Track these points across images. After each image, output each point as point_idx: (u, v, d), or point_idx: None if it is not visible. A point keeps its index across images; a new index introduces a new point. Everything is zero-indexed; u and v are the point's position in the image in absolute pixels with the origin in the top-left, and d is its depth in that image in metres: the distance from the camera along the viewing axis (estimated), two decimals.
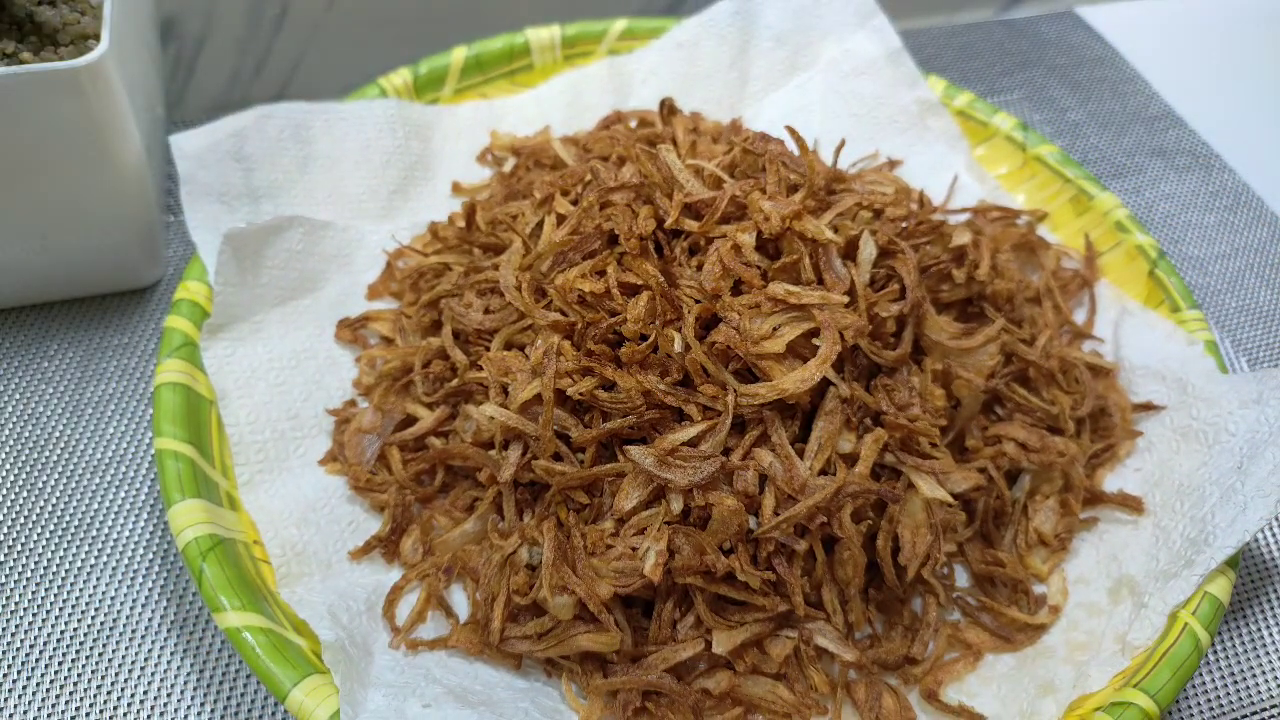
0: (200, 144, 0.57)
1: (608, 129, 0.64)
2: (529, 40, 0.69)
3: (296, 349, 0.54)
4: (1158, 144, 0.83)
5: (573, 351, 0.46)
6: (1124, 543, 0.50)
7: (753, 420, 0.45)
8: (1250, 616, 0.54)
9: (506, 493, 0.47)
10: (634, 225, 0.47)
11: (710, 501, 0.43)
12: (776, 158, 0.49)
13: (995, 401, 0.53)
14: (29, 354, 0.59)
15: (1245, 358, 0.67)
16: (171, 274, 0.64)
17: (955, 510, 0.47)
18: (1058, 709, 0.44)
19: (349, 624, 0.43)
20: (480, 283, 0.52)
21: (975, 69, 0.88)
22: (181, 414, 0.48)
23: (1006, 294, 0.55)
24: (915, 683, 0.46)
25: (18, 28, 0.52)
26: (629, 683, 0.43)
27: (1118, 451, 0.53)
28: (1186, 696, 0.50)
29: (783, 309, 0.45)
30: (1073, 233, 0.64)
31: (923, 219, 0.54)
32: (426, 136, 0.65)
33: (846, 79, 0.70)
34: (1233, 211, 0.77)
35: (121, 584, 0.50)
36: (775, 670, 0.45)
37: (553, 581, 0.43)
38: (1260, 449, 0.47)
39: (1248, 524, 0.44)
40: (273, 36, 0.80)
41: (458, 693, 0.42)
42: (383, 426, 0.52)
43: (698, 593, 0.44)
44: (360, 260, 0.60)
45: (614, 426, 0.44)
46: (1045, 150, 0.67)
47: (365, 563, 0.48)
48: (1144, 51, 0.92)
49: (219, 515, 0.45)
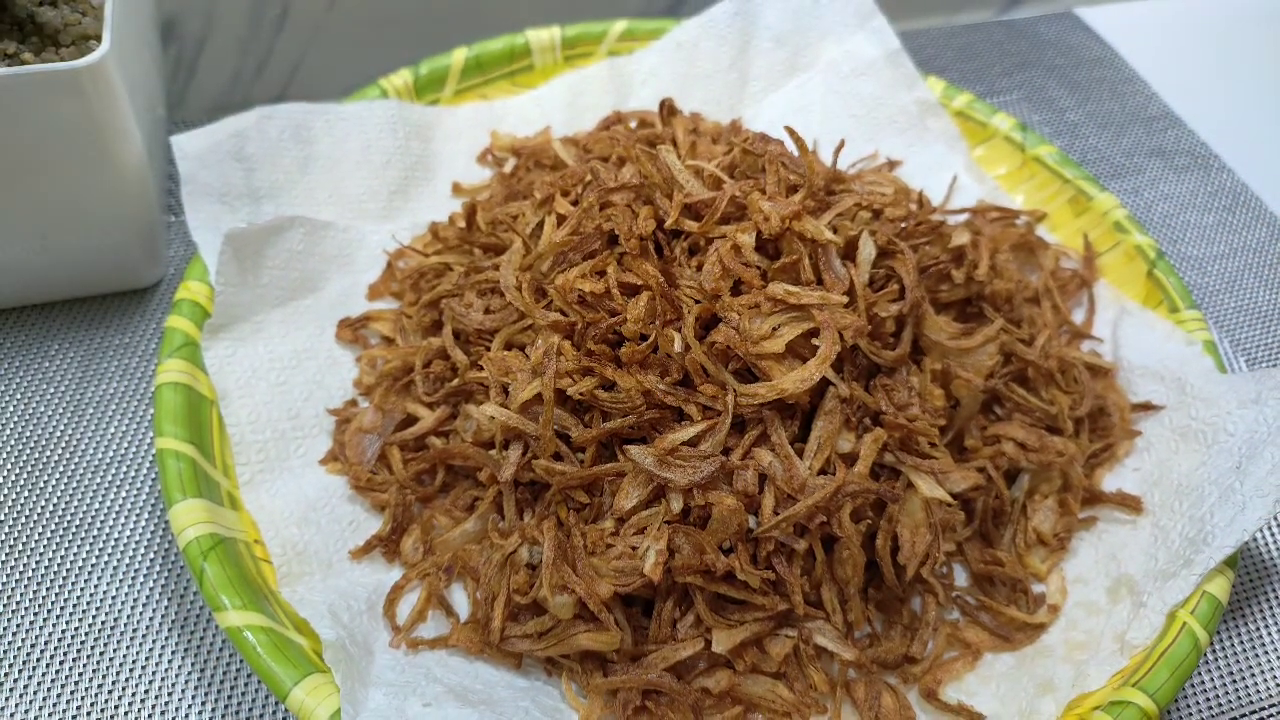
0: (201, 144, 0.57)
1: (608, 130, 0.64)
2: (529, 41, 0.69)
3: (297, 349, 0.55)
4: (1156, 144, 0.83)
5: (573, 351, 0.46)
6: (1123, 542, 0.50)
7: (752, 420, 0.45)
8: (1249, 616, 0.54)
9: (507, 492, 0.47)
10: (634, 225, 0.47)
11: (710, 501, 0.43)
12: (776, 158, 0.49)
13: (994, 401, 0.53)
14: (30, 354, 0.59)
15: (1244, 357, 0.67)
16: (172, 274, 0.64)
17: (954, 510, 0.47)
18: (1056, 708, 0.44)
19: (350, 623, 0.43)
20: (481, 283, 0.52)
21: (974, 70, 0.88)
22: (183, 414, 0.48)
23: (1005, 294, 0.55)
24: (914, 682, 0.46)
25: (19, 28, 0.52)
26: (629, 681, 0.43)
27: (1116, 451, 0.53)
28: (1185, 696, 0.51)
29: (782, 309, 0.45)
30: (1071, 233, 0.64)
31: (922, 219, 0.54)
32: (427, 137, 0.65)
33: (846, 80, 0.71)
34: (1231, 212, 0.77)
35: (123, 583, 0.50)
36: (775, 669, 0.45)
37: (553, 581, 0.43)
38: (1259, 449, 0.47)
39: (1246, 523, 0.44)
40: (274, 37, 0.80)
41: (458, 691, 0.42)
42: (383, 426, 0.52)
43: (697, 592, 0.44)
44: (361, 260, 0.60)
45: (614, 426, 0.45)
46: (1044, 151, 0.67)
47: (366, 562, 0.48)
48: (1143, 52, 0.92)
49: (220, 515, 0.45)
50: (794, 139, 0.52)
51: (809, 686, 0.45)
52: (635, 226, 0.47)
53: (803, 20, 0.71)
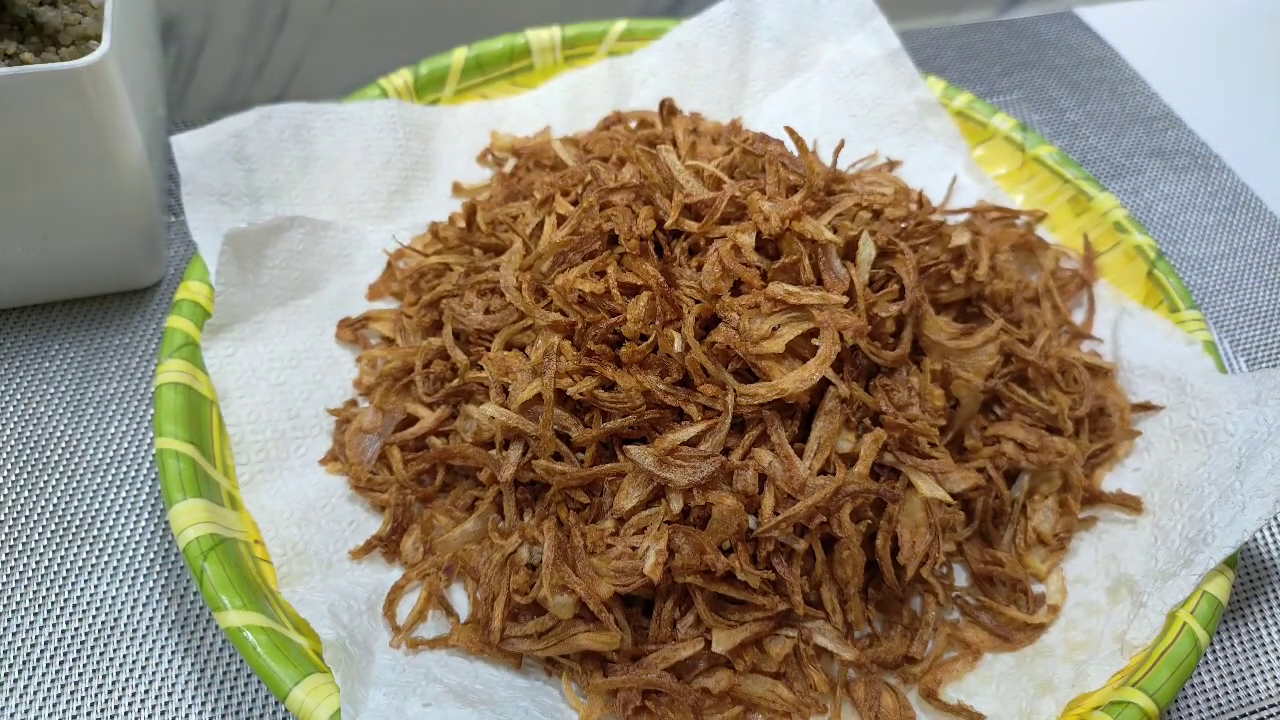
0: (201, 144, 0.57)
1: (608, 130, 0.64)
2: (529, 41, 0.69)
3: (297, 349, 0.55)
4: (1156, 144, 0.83)
5: (573, 351, 0.46)
6: (1123, 542, 0.50)
7: (752, 420, 0.45)
8: (1249, 616, 0.54)
9: (507, 492, 0.47)
10: (634, 226, 0.47)
11: (710, 501, 0.43)
12: (776, 158, 0.49)
13: (994, 401, 0.53)
14: (30, 354, 0.59)
15: (1244, 358, 0.67)
16: (172, 274, 0.64)
17: (954, 510, 0.47)
18: (1056, 708, 0.44)
19: (350, 623, 0.43)
20: (481, 283, 0.52)
21: (974, 70, 0.88)
22: (183, 414, 0.48)
23: (1005, 294, 0.55)
24: (914, 682, 0.46)
25: (19, 28, 0.52)
26: (629, 681, 0.43)
27: (1116, 451, 0.53)
28: (1185, 696, 0.51)
29: (782, 309, 0.45)
30: (1071, 233, 0.64)
31: (922, 219, 0.54)
32: (427, 137, 0.65)
33: (846, 80, 0.71)
34: (1231, 212, 0.77)
35: (123, 583, 0.50)
36: (775, 669, 0.45)
37: (553, 581, 0.43)
38: (1259, 449, 0.47)
39: (1246, 524, 0.44)
40: (274, 37, 0.80)
41: (458, 691, 0.42)
42: (383, 426, 0.52)
43: (697, 592, 0.44)
44: (361, 260, 0.60)
45: (614, 426, 0.45)
46: (1044, 151, 0.67)
47: (366, 562, 0.48)
48: (1143, 52, 0.92)
49: (220, 515, 0.45)
50: (794, 139, 0.52)
51: (809, 686, 0.45)
52: (635, 226, 0.47)
53: (803, 20, 0.71)
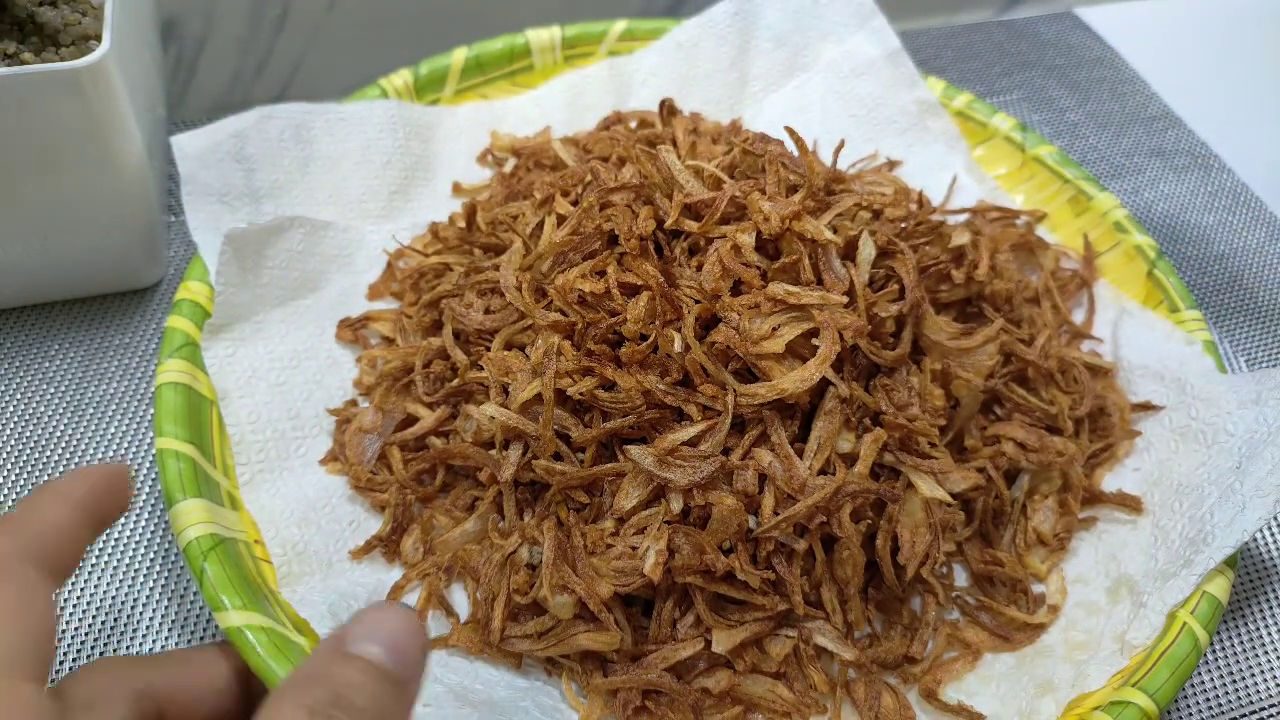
0: (201, 144, 0.57)
1: (608, 130, 0.64)
2: (529, 41, 0.69)
3: (297, 349, 0.55)
4: (1156, 144, 0.83)
5: (573, 351, 0.46)
6: (1123, 542, 0.50)
7: (752, 420, 0.45)
8: (1249, 616, 0.54)
9: (507, 492, 0.47)
10: (634, 226, 0.47)
11: (710, 501, 0.43)
12: (776, 158, 0.49)
13: (994, 401, 0.53)
14: (30, 354, 0.59)
15: (1244, 358, 0.67)
16: (172, 274, 0.64)
17: (954, 510, 0.47)
18: (1056, 708, 0.44)
19: None
20: (481, 283, 0.52)
21: (974, 70, 0.88)
22: (183, 414, 0.48)
23: (1005, 294, 0.55)
24: (914, 682, 0.46)
25: (19, 28, 0.52)
26: (629, 681, 0.43)
27: (1116, 451, 0.53)
28: (1185, 696, 0.51)
29: (782, 309, 0.45)
30: (1071, 233, 0.64)
31: (922, 219, 0.54)
32: (427, 137, 0.65)
33: (846, 80, 0.71)
34: (1231, 212, 0.77)
35: (123, 583, 0.50)
36: (775, 669, 0.45)
37: (553, 581, 0.43)
38: (1259, 449, 0.47)
39: (1246, 524, 0.44)
40: (274, 37, 0.80)
41: (458, 691, 0.42)
42: (383, 426, 0.52)
43: (697, 592, 0.44)
44: (361, 260, 0.60)
45: (614, 426, 0.45)
46: (1044, 151, 0.67)
47: (366, 562, 0.48)
48: (1143, 52, 0.92)
49: (220, 515, 0.45)
50: (794, 139, 0.52)
51: (809, 686, 0.45)
52: (635, 226, 0.47)
53: (803, 20, 0.71)
